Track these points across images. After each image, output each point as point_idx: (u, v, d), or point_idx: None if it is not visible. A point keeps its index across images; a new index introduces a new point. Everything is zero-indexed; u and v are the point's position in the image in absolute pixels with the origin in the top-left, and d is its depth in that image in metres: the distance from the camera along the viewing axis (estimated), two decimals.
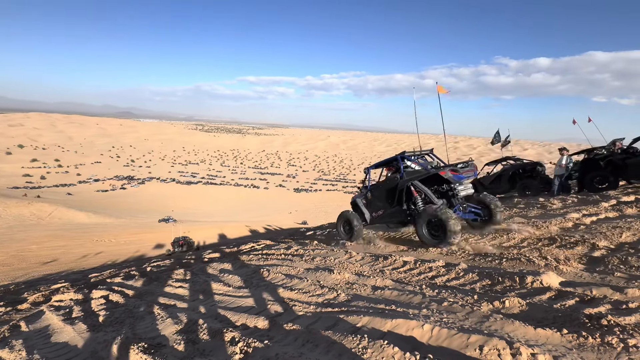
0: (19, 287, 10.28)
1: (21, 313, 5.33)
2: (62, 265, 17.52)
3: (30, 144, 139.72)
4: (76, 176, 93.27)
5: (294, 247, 7.37)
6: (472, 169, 5.87)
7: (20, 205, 36.52)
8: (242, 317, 3.41)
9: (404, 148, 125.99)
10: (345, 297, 3.59)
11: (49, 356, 3.13)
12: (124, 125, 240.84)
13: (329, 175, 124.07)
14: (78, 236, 25.93)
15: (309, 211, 67.29)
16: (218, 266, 6.53)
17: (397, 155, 6.27)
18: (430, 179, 5.91)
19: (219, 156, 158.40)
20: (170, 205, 66.43)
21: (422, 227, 5.41)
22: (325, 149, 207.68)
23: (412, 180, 5.92)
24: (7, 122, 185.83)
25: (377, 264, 4.83)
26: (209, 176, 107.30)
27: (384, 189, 6.45)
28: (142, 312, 4.18)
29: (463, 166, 5.84)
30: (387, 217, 6.49)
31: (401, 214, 6.11)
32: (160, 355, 2.72)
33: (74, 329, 3.82)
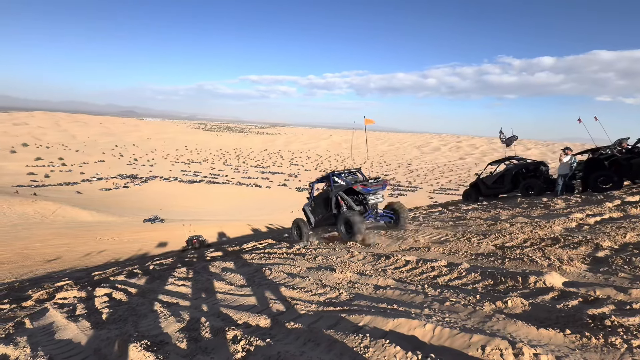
0: (23, 284, 10.37)
1: (25, 310, 5.37)
2: (65, 263, 17.65)
3: (35, 143, 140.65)
4: (80, 175, 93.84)
5: (296, 245, 7.38)
6: (381, 183, 7.19)
7: (25, 204, 36.80)
8: (244, 315, 3.42)
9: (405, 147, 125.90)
10: (347, 296, 3.59)
11: (53, 353, 3.16)
12: (127, 124, 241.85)
13: None
14: (81, 234, 26.09)
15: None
16: (220, 265, 6.55)
17: (329, 174, 7.80)
18: (351, 191, 7.27)
19: (222, 155, 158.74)
20: (173, 203, 66.70)
21: (341, 226, 6.73)
22: (327, 148, 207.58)
23: (338, 192, 7.31)
24: (11, 120, 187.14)
25: (379, 263, 4.83)
26: (211, 175, 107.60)
27: (321, 198, 7.90)
28: (145, 310, 4.20)
29: (373, 181, 7.20)
30: (324, 221, 7.87)
31: (333, 217, 7.43)
32: (163, 352, 2.74)
33: (78, 326, 3.85)
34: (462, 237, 5.64)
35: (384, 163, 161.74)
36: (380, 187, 7.18)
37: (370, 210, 7.28)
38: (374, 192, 7.11)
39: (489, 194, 11.87)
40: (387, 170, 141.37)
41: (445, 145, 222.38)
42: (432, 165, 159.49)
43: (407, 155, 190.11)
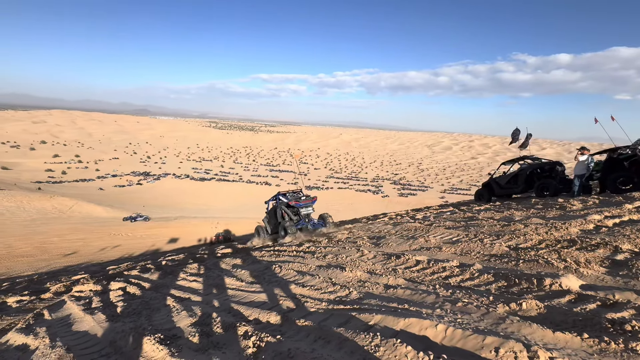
0: (42, 277, 10.72)
1: (44, 302, 5.55)
2: (81, 258, 18.15)
3: (53, 140, 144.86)
4: (95, 171, 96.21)
5: (306, 244, 7.40)
6: (310, 200, 10.18)
7: (43, 199, 37.95)
8: (254, 311, 3.45)
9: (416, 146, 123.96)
10: (357, 295, 3.58)
11: (70, 344, 3.25)
12: (140, 122, 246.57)
13: (341, 173, 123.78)
14: (97, 230, 26.78)
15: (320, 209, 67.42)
16: (231, 261, 6.63)
17: (277, 194, 10.63)
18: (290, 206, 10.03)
19: (232, 153, 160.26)
20: (184, 200, 67.71)
21: (281, 231, 9.57)
22: (337, 146, 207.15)
23: (282, 206, 10.03)
24: (31, 119, 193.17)
25: (389, 262, 4.80)
26: (222, 173, 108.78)
27: (272, 211, 10.49)
28: (158, 305, 4.28)
29: (305, 198, 10.13)
30: (275, 229, 10.29)
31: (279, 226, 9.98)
32: (176, 346, 2.78)
33: (94, 318, 3.96)
34: (475, 237, 5.55)
35: (394, 162, 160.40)
36: (310, 203, 10.14)
37: (303, 219, 9.93)
38: (305, 206, 10.02)
39: (501, 194, 11.63)
40: (397, 169, 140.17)
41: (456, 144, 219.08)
42: (443, 165, 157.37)
43: (417, 155, 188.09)
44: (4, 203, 33.42)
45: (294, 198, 10.28)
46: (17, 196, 36.58)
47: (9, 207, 32.57)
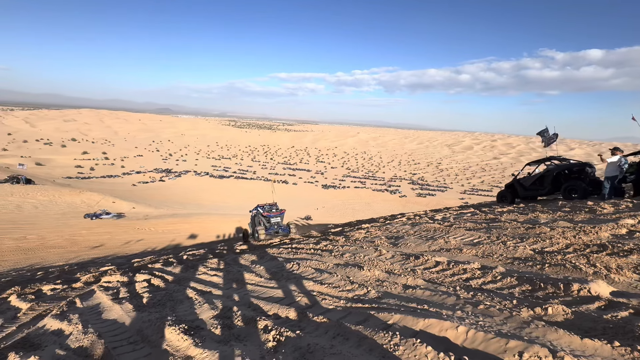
0: (72, 267, 11.31)
1: (76, 291, 5.87)
2: (108, 250, 19.00)
3: (82, 138, 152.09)
4: (121, 168, 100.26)
5: (323, 242, 7.44)
6: (278, 211, 12.80)
7: (73, 194, 39.94)
8: (273, 307, 3.52)
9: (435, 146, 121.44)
10: (376, 294, 3.58)
11: (101, 330, 3.43)
12: (163, 121, 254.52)
13: (358, 172, 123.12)
14: (122, 224, 27.91)
15: (336, 208, 67.32)
16: (249, 257, 6.76)
17: (257, 206, 13.20)
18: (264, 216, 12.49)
19: (250, 151, 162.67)
20: (203, 197, 69.44)
21: (255, 234, 12.19)
22: (354, 145, 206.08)
23: (259, 215, 12.58)
24: (62, 117, 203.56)
25: (407, 262, 4.75)
26: (240, 171, 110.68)
27: (253, 218, 12.95)
28: (180, 297, 4.44)
29: (275, 211, 12.79)
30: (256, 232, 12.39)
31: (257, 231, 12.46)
32: (199, 337, 2.89)
33: (122, 308, 4.15)
34: (497, 239, 5.40)
35: (412, 162, 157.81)
36: (278, 215, 12.73)
37: (272, 226, 12.45)
38: (274, 217, 12.58)
39: (526, 196, 11.22)
40: (415, 169, 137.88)
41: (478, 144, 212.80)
42: (463, 165, 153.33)
43: (437, 154, 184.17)
44: (38, 197, 35.42)
45: (267, 210, 13.19)
46: (50, 190, 38.67)
47: (42, 201, 34.50)
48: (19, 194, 34.48)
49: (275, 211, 13.01)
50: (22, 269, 13.84)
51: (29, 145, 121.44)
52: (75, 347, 3.11)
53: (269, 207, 13.41)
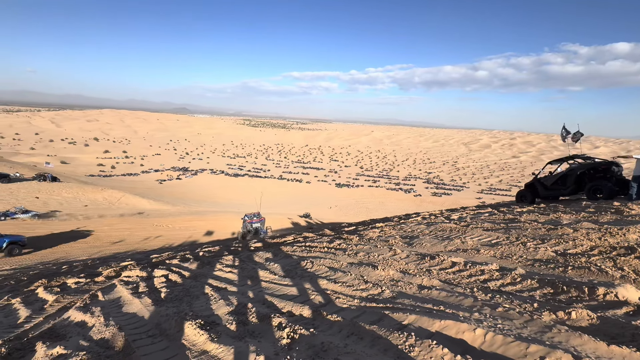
0: (95, 262, 11.75)
1: (98, 285, 6.09)
2: (128, 246, 19.63)
3: (104, 137, 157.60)
4: (140, 166, 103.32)
5: (337, 241, 7.43)
6: (258, 219, 17.07)
7: (95, 191, 41.47)
8: (287, 304, 3.54)
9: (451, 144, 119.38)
10: (390, 294, 3.54)
11: (121, 323, 3.55)
12: (180, 120, 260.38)
13: (372, 171, 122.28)
14: (141, 220, 28.77)
15: (350, 207, 67.11)
16: (264, 255, 6.82)
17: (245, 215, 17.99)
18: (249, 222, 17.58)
19: (264, 150, 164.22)
20: (218, 195, 70.70)
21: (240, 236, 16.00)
22: (368, 144, 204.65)
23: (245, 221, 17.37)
24: (85, 118, 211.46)
25: (423, 262, 4.68)
26: (254, 169, 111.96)
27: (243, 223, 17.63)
28: (197, 292, 4.53)
29: (255, 218, 17.34)
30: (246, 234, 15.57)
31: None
32: (215, 332, 2.94)
33: (141, 302, 4.28)
34: (516, 240, 5.24)
35: (428, 160, 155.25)
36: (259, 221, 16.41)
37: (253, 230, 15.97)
38: (255, 223, 16.20)
39: (547, 196, 10.83)
40: (430, 168, 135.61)
41: (496, 142, 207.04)
42: (480, 164, 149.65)
43: (453, 153, 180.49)
44: (64, 194, 36.95)
45: (250, 217, 17.30)
46: (74, 188, 40.27)
47: (67, 198, 35.97)
48: (45, 192, 36.05)
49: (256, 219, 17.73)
50: (48, 262, 14.50)
51: (54, 144, 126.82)
52: (98, 338, 3.22)
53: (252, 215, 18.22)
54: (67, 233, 21.62)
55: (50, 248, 18.34)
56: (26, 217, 23.97)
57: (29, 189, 35.71)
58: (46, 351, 2.89)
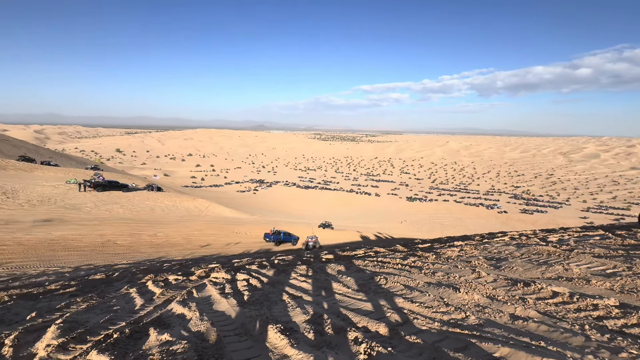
0: (188, 262, 13.38)
1: (192, 283, 6.92)
2: (213, 250, 21.92)
3: (196, 153, 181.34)
4: (223, 178, 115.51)
5: (411, 257, 7.09)
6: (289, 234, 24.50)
7: (188, 200, 47.71)
8: (363, 319, 3.50)
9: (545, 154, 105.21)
10: (476, 321, 3.22)
11: (213, 320, 3.96)
12: (258, 136, 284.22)
13: (447, 184, 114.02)
14: (224, 227, 31.90)
15: (423, 222, 63.39)
16: (335, 267, 6.90)
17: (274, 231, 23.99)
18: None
19: (334, 163, 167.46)
20: (290, 206, 74.26)
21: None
22: (442, 155, 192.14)
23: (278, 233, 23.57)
24: (183, 137, 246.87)
25: (515, 289, 4.14)
26: (324, 182, 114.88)
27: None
28: (275, 298, 4.81)
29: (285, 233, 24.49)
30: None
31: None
32: (294, 338, 3.07)
33: (228, 302, 4.72)
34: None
35: (514, 173, 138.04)
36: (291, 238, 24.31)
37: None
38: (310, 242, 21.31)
39: None
40: (518, 181, 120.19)
41: (607, 151, 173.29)
42: (585, 177, 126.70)
43: (547, 164, 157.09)
44: (165, 202, 43.36)
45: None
46: (173, 197, 46.93)
47: (167, 205, 42.09)
48: (152, 199, 42.83)
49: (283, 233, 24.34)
50: (153, 260, 17.07)
51: (160, 159, 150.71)
52: (195, 330, 3.66)
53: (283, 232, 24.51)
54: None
55: (154, 248, 21.59)
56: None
57: (141, 197, 42.93)
58: (157, 336, 3.39)
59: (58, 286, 7.14)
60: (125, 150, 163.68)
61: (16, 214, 20.41)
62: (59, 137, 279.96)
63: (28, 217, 20.07)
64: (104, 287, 6.91)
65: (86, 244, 16.66)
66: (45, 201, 25.91)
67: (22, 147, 60.87)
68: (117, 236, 19.82)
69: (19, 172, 36.57)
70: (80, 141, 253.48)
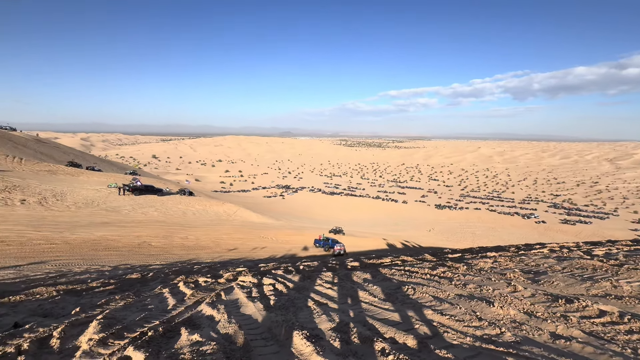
0: (216, 265, 13.78)
1: (220, 285, 7.11)
2: (240, 254, 22.42)
3: (225, 159, 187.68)
4: (251, 184, 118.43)
5: (440, 268, 6.85)
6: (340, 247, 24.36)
7: (217, 205, 49.33)
8: (390, 330, 3.42)
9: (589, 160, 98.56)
10: (512, 337, 3.04)
11: (241, 323, 4.04)
12: (284, 143, 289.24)
13: (478, 191, 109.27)
14: (251, 232, 32.60)
15: (453, 230, 61.05)
16: (361, 275, 6.80)
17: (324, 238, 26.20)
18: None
19: (360, 169, 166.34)
20: (316, 212, 74.44)
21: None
22: (473, 161, 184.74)
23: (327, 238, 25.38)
24: (213, 144, 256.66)
25: (555, 306, 3.86)
26: (349, 188, 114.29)
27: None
28: (301, 304, 4.82)
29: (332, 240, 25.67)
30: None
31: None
32: (320, 346, 3.05)
33: (254, 306, 4.80)
34: None
35: (554, 180, 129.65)
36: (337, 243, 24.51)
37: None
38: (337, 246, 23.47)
39: None
40: (558, 189, 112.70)
41: None
42: (635, 185, 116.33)
43: (591, 171, 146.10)
44: (196, 206, 45.12)
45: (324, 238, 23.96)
46: (203, 201, 48.73)
47: (198, 209, 43.76)
48: (184, 203, 44.70)
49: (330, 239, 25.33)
50: (184, 262, 17.75)
51: (192, 165, 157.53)
52: (223, 333, 3.75)
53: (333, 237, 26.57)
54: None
55: (185, 250, 22.47)
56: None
57: (174, 201, 45.00)
58: (188, 336, 3.52)
59: (99, 284, 7.63)
60: (160, 157, 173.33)
61: (64, 215, 22.14)
62: (102, 144, 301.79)
63: (74, 218, 21.69)
64: (139, 287, 7.28)
65: (124, 244, 17.66)
66: (89, 204, 27.88)
67: (70, 153, 66.17)
68: (151, 238, 20.84)
69: (67, 176, 39.69)
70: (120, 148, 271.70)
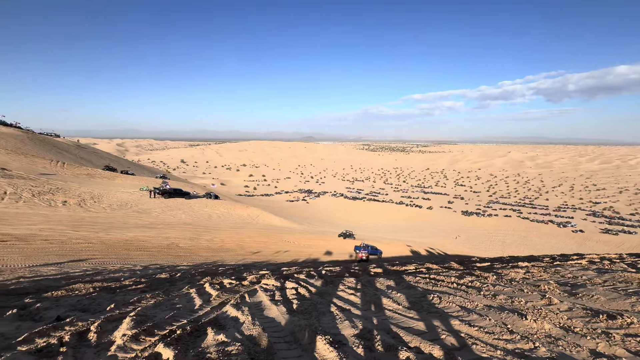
0: (240, 267, 14.05)
1: (244, 287, 7.25)
2: (263, 257, 22.74)
3: (250, 164, 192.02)
4: (274, 188, 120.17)
5: (467, 277, 6.60)
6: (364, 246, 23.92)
7: (241, 208, 50.47)
8: (415, 339, 3.34)
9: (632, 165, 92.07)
10: (547, 353, 2.87)
11: (264, 325, 4.10)
12: (307, 148, 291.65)
13: (509, 198, 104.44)
14: (273, 236, 33.01)
15: (480, 238, 58.65)
16: (385, 282, 6.69)
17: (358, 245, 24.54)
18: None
19: (383, 174, 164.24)
20: (338, 217, 74.19)
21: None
22: (503, 166, 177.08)
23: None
24: (238, 149, 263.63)
25: (596, 321, 3.61)
26: (372, 193, 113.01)
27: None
28: (323, 309, 4.81)
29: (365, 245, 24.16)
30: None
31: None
32: (343, 352, 3.03)
33: (278, 309, 4.85)
34: None
35: (593, 187, 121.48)
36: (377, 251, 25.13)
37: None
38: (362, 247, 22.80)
39: None
40: (598, 196, 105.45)
41: None
42: None
43: (636, 177, 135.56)
44: (221, 209, 46.38)
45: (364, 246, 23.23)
46: (228, 205, 50.01)
47: (223, 213, 44.94)
48: (210, 206, 46.08)
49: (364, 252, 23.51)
50: (209, 263, 18.26)
51: (217, 169, 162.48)
52: (247, 334, 3.82)
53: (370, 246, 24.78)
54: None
55: (211, 252, 23.11)
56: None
57: (200, 204, 46.53)
58: (214, 336, 3.61)
59: (131, 282, 8.01)
60: (188, 161, 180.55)
61: (100, 216, 23.52)
62: (135, 150, 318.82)
63: (109, 219, 22.99)
64: (168, 286, 7.57)
65: (154, 245, 18.46)
66: (123, 206, 29.45)
67: (107, 158, 70.38)
68: (179, 239, 21.63)
69: (104, 179, 42.19)
70: (152, 153, 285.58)
